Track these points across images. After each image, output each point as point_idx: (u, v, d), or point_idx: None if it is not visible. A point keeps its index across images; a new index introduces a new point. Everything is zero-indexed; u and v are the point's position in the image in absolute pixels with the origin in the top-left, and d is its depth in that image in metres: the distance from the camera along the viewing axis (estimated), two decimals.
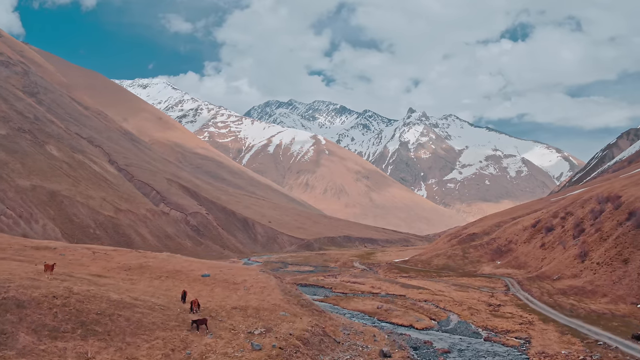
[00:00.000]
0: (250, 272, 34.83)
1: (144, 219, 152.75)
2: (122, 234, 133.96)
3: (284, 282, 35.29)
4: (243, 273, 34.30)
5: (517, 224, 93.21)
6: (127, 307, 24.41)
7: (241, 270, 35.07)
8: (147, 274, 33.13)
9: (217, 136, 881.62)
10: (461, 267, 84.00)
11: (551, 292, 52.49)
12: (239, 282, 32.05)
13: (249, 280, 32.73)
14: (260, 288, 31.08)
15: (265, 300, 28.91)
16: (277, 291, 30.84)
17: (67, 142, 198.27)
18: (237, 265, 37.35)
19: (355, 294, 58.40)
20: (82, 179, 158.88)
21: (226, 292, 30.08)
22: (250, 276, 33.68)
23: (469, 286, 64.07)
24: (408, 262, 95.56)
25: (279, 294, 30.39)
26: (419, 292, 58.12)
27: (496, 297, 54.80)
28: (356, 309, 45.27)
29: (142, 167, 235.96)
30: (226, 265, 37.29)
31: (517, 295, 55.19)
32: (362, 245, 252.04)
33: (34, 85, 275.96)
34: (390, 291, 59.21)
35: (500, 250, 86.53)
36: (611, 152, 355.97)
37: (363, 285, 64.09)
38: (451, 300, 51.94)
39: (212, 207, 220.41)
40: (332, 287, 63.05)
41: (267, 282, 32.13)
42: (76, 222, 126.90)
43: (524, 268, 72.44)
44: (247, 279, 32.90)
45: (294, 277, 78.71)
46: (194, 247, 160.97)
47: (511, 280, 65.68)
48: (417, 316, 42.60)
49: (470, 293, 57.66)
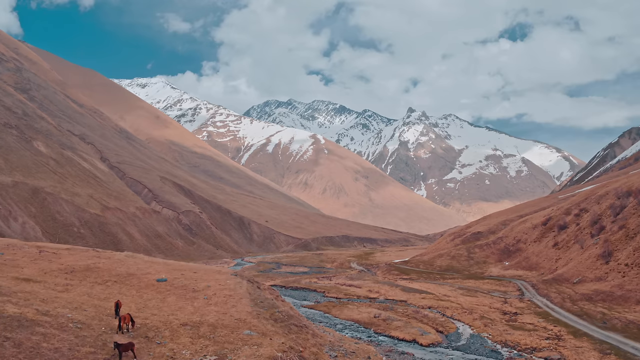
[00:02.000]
0: (218, 276, 28.76)
1: (133, 217, 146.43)
2: (108, 232, 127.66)
3: (260, 289, 29.12)
4: (209, 277, 28.17)
5: (526, 221, 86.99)
6: (24, 325, 18.27)
7: (208, 274, 28.98)
8: (91, 278, 27.01)
9: (216, 135, 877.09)
10: (466, 269, 77.70)
11: (574, 297, 46.25)
12: (199, 289, 25.89)
13: (214, 286, 26.55)
14: (225, 297, 24.90)
15: (227, 314, 22.72)
16: (246, 301, 24.58)
17: (57, 138, 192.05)
18: (206, 267, 31.26)
19: (350, 299, 52.03)
20: (69, 176, 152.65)
21: (180, 303, 23.92)
22: (216, 281, 27.52)
23: (477, 290, 57.76)
24: (409, 262, 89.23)
25: (247, 304, 24.14)
26: (422, 297, 51.76)
27: (510, 303, 48.43)
28: (350, 318, 38.94)
29: (135, 164, 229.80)
30: (193, 268, 31.18)
31: (534, 302, 48.86)
32: (361, 245, 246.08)
33: (27, 82, 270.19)
34: (389, 296, 52.88)
35: (508, 250, 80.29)
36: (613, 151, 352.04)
37: (359, 289, 57.75)
38: (459, 307, 45.56)
39: (206, 206, 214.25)
40: (325, 291, 56.67)
41: (235, 290, 25.96)
42: (59, 220, 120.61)
43: (536, 269, 66.22)
44: (212, 285, 26.74)
45: (285, 279, 72.52)
46: (186, 247, 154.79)
47: (524, 284, 59.36)
48: (421, 328, 36.17)
49: (480, 298, 51.30)
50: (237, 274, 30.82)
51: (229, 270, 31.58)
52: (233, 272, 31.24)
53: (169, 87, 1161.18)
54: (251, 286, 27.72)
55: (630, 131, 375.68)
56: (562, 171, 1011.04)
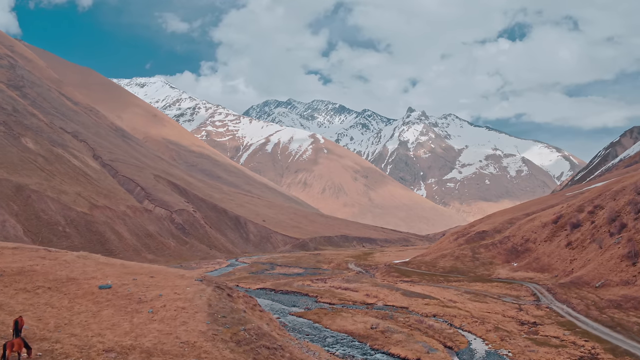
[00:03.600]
0: (179, 281, 23.48)
1: (123, 216, 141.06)
2: (95, 231, 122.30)
3: (232, 297, 23.76)
4: (166, 283, 22.90)
5: (534, 220, 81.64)
6: None
7: (168, 279, 23.72)
8: (20, 284, 21.86)
9: (215, 135, 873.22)
10: (472, 270, 72.29)
11: (599, 304, 40.88)
12: (147, 300, 20.58)
13: (167, 295, 21.25)
14: (177, 310, 19.60)
15: (172, 335, 17.44)
16: (202, 316, 19.26)
17: (47, 135, 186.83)
18: (169, 271, 26.03)
19: (345, 305, 46.54)
20: (57, 173, 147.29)
21: (117, 317, 18.67)
22: (173, 288, 22.26)
23: (486, 294, 52.29)
24: (409, 263, 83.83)
25: (202, 321, 18.85)
26: (425, 302, 46.25)
27: (526, 310, 42.91)
28: (343, 330, 33.45)
29: (129, 162, 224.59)
30: (153, 271, 25.93)
31: (554, 309, 43.35)
32: (360, 245, 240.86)
33: (20, 79, 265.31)
34: (388, 301, 47.41)
35: (516, 250, 74.93)
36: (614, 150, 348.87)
37: (356, 293, 52.29)
38: (468, 316, 40.04)
39: (202, 205, 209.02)
40: (317, 296, 51.16)
41: (192, 300, 20.65)
42: (43, 219, 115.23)
43: (549, 271, 60.87)
44: (165, 294, 21.42)
45: (277, 281, 67.22)
46: (178, 247, 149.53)
47: (537, 287, 53.92)
48: (425, 343, 30.58)
49: (491, 304, 45.83)
50: (204, 279, 25.40)
51: (194, 275, 26.15)
52: (200, 276, 25.79)
53: (168, 86, 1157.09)
54: (216, 295, 22.42)
55: (632, 130, 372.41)
56: (562, 171, 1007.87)
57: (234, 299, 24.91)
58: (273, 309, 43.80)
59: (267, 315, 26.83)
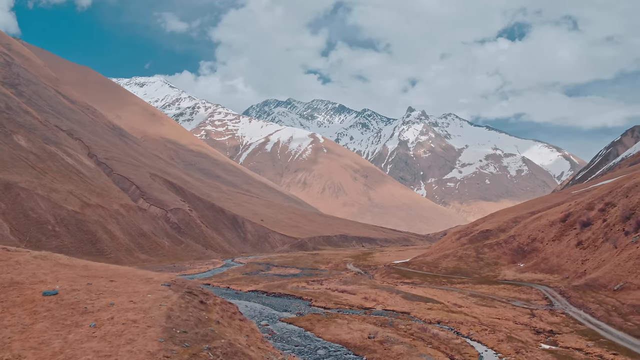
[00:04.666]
0: (142, 286, 19.91)
1: (116, 214, 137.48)
2: (86, 231, 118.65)
3: (205, 304, 20.18)
4: (126, 289, 19.34)
5: (540, 218, 78.08)
6: None
7: (129, 284, 20.19)
8: None
9: (214, 134, 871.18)
10: (476, 271, 68.67)
11: (621, 310, 37.25)
12: (94, 310, 17.02)
13: (120, 304, 17.65)
14: (126, 324, 16.05)
15: (111, 357, 13.58)
16: (155, 331, 15.68)
17: (40, 132, 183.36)
18: (135, 274, 22.52)
19: (341, 309, 42.83)
20: (49, 171, 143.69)
21: (49, 333, 15.15)
22: (130, 295, 18.63)
23: (494, 297, 48.62)
24: (410, 264, 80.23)
25: (153, 338, 15.26)
26: (428, 307, 42.59)
27: (540, 316, 39.18)
28: (337, 339, 29.73)
29: (125, 161, 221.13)
30: (116, 274, 22.42)
31: (570, 315, 39.63)
32: (360, 245, 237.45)
33: (15, 77, 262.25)
34: (388, 305, 43.75)
35: (523, 250, 71.36)
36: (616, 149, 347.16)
37: (353, 296, 48.63)
38: (476, 322, 36.29)
39: (198, 204, 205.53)
40: (312, 299, 47.48)
41: (148, 311, 17.03)
42: (32, 218, 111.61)
43: (559, 273, 57.29)
44: (118, 302, 17.81)
45: (270, 282, 63.65)
46: (173, 247, 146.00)
47: (548, 290, 50.24)
48: (431, 356, 26.66)
49: (500, 309, 42.13)
50: (174, 283, 21.81)
51: (164, 278, 22.56)
52: (170, 279, 22.22)
53: (167, 86, 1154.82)
54: (183, 303, 18.86)
55: (634, 129, 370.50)
56: (562, 170, 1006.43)
57: (207, 307, 21.32)
58: (262, 314, 40.23)
59: (248, 325, 23.24)
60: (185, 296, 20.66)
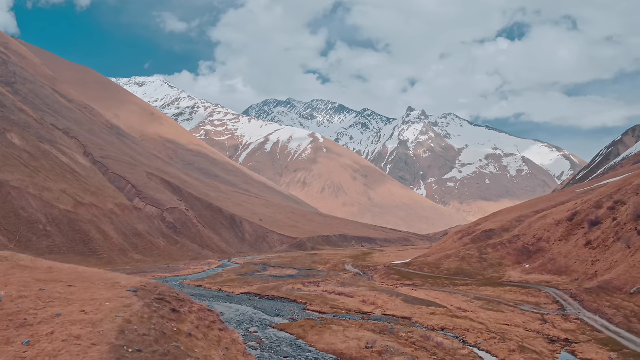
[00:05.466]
0: (102, 293, 17.18)
1: (110, 214, 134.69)
2: (78, 230, 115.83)
3: (178, 313, 17.43)
4: (80, 296, 16.58)
5: (545, 217, 75.30)
6: None
7: (89, 290, 17.48)
8: None
9: (214, 134, 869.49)
10: (480, 272, 65.87)
11: None
12: (34, 322, 14.30)
13: (69, 315, 14.90)
14: (67, 340, 13.21)
15: None
16: (100, 351, 12.88)
17: (35, 131, 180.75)
18: (99, 278, 19.80)
19: (338, 314, 40.00)
20: (42, 170, 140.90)
21: None
22: (84, 304, 15.84)
23: (500, 301, 45.76)
24: (411, 265, 77.43)
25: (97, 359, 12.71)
26: (431, 311, 39.75)
27: (552, 322, 36.27)
28: (331, 349, 26.85)
29: (122, 160, 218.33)
30: (83, 278, 19.70)
31: (585, 320, 36.74)
32: (359, 245, 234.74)
33: (12, 75, 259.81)
34: (388, 309, 40.91)
35: (528, 250, 68.59)
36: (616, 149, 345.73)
37: (351, 299, 45.84)
38: (484, 329, 33.39)
39: (196, 204, 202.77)
40: (307, 302, 44.66)
41: (98, 324, 14.32)
42: (23, 217, 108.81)
43: (567, 274, 54.52)
44: (67, 312, 15.04)
45: (265, 284, 60.88)
46: (168, 247, 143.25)
47: (558, 293, 47.41)
48: None
49: (508, 314, 39.26)
50: (143, 289, 19.02)
51: (132, 283, 19.76)
52: (139, 284, 19.44)
53: (166, 85, 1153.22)
54: (147, 313, 16.10)
55: (634, 129, 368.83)
56: (562, 170, 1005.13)
57: (180, 316, 18.54)
58: (253, 319, 37.44)
59: (229, 336, 20.47)
60: (153, 304, 17.87)
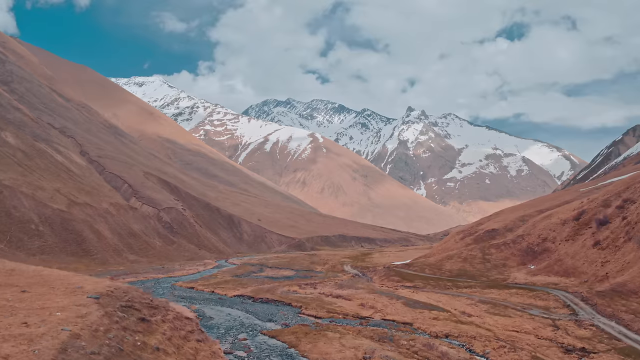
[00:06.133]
0: (57, 300, 14.92)
1: (105, 213, 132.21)
2: (71, 230, 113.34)
3: (139, 325, 15.14)
4: (30, 304, 14.20)
5: (550, 217, 72.90)
6: None
7: (43, 296, 15.21)
8: None
9: (213, 134, 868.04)
10: (483, 274, 63.49)
11: None
12: None
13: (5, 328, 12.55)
14: None
15: None
16: None
17: (30, 130, 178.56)
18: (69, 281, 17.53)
19: (334, 319, 37.51)
20: (36, 169, 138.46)
21: None
22: (30, 314, 13.51)
23: (507, 304, 43.30)
24: (411, 265, 75.03)
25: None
26: (433, 316, 37.28)
27: (565, 328, 33.72)
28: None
29: (119, 159, 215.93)
30: (41, 282, 17.39)
31: (600, 327, 34.27)
32: (359, 245, 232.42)
33: (9, 74, 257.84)
34: (388, 314, 38.47)
35: (533, 250, 66.20)
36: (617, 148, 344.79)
37: (348, 303, 43.39)
38: (492, 337, 30.81)
39: (193, 204, 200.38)
40: (302, 306, 42.15)
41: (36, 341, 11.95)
42: (15, 216, 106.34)
43: (575, 276, 52.15)
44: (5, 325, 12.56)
45: (260, 286, 58.46)
46: (164, 247, 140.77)
47: (568, 296, 44.96)
48: None
49: (516, 319, 36.82)
50: (107, 295, 16.61)
51: (97, 288, 17.34)
52: (106, 289, 17.02)
53: (166, 85, 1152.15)
54: (104, 325, 13.78)
55: (635, 128, 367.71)
56: (562, 170, 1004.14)
57: (150, 326, 16.14)
58: (243, 324, 35.01)
59: (208, 348, 18.07)
60: (116, 313, 15.46)
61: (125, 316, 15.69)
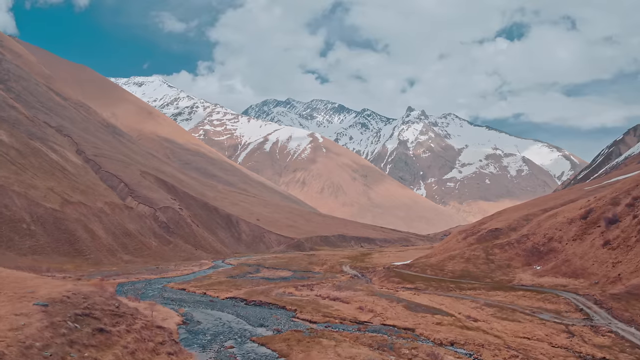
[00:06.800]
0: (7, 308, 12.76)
1: (100, 213, 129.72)
2: (64, 230, 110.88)
3: (95, 338, 13.00)
4: None
5: (556, 216, 70.45)
6: None
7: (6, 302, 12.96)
8: None
9: (213, 134, 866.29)
10: (487, 275, 61.03)
11: None
12: None
13: None
14: None
15: None
16: None
17: (25, 128, 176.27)
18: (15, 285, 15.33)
19: (330, 324, 34.99)
20: (30, 167, 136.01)
21: None
22: None
23: (514, 308, 40.83)
24: (412, 266, 72.57)
25: None
26: (437, 320, 34.78)
27: (580, 335, 31.21)
28: None
29: (115, 158, 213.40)
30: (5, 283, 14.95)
31: (619, 333, 31.82)
32: (358, 245, 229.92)
33: (5, 72, 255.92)
34: (388, 318, 35.97)
35: (538, 250, 63.75)
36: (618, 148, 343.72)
37: (346, 306, 40.94)
38: (501, 344, 28.23)
39: (191, 203, 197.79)
40: (297, 309, 39.65)
41: None
42: (6, 216, 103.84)
43: (585, 277, 49.73)
44: None
45: (254, 287, 55.98)
46: (160, 247, 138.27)
47: (579, 299, 42.51)
48: None
49: (526, 324, 34.33)
50: (59, 302, 14.19)
51: (52, 293, 14.88)
52: (62, 295, 14.55)
53: (165, 85, 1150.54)
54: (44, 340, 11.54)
55: (636, 128, 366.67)
56: (562, 170, 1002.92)
57: (108, 338, 13.71)
58: (232, 330, 32.54)
59: None
60: (65, 323, 12.99)
61: (77, 327, 13.23)
